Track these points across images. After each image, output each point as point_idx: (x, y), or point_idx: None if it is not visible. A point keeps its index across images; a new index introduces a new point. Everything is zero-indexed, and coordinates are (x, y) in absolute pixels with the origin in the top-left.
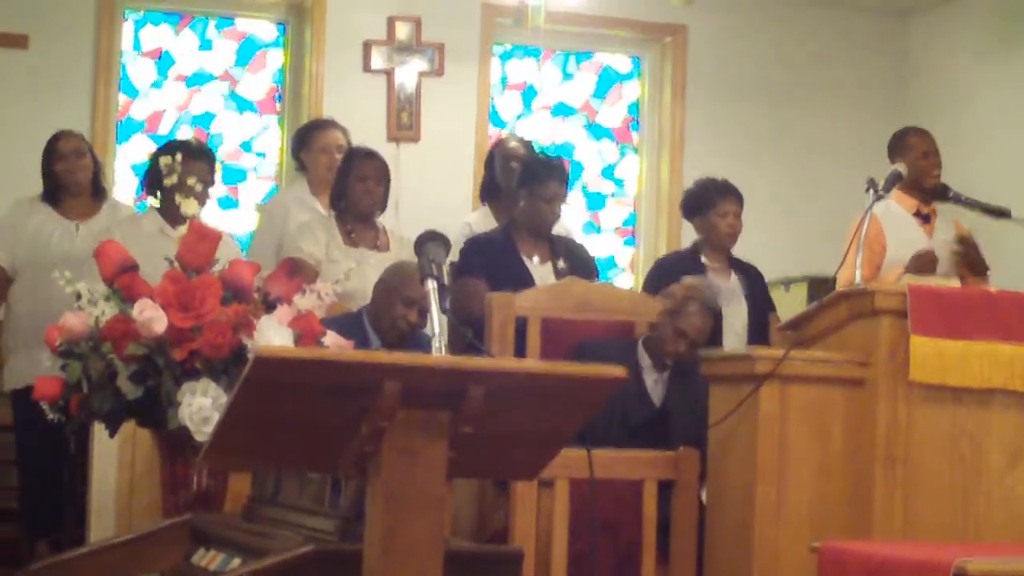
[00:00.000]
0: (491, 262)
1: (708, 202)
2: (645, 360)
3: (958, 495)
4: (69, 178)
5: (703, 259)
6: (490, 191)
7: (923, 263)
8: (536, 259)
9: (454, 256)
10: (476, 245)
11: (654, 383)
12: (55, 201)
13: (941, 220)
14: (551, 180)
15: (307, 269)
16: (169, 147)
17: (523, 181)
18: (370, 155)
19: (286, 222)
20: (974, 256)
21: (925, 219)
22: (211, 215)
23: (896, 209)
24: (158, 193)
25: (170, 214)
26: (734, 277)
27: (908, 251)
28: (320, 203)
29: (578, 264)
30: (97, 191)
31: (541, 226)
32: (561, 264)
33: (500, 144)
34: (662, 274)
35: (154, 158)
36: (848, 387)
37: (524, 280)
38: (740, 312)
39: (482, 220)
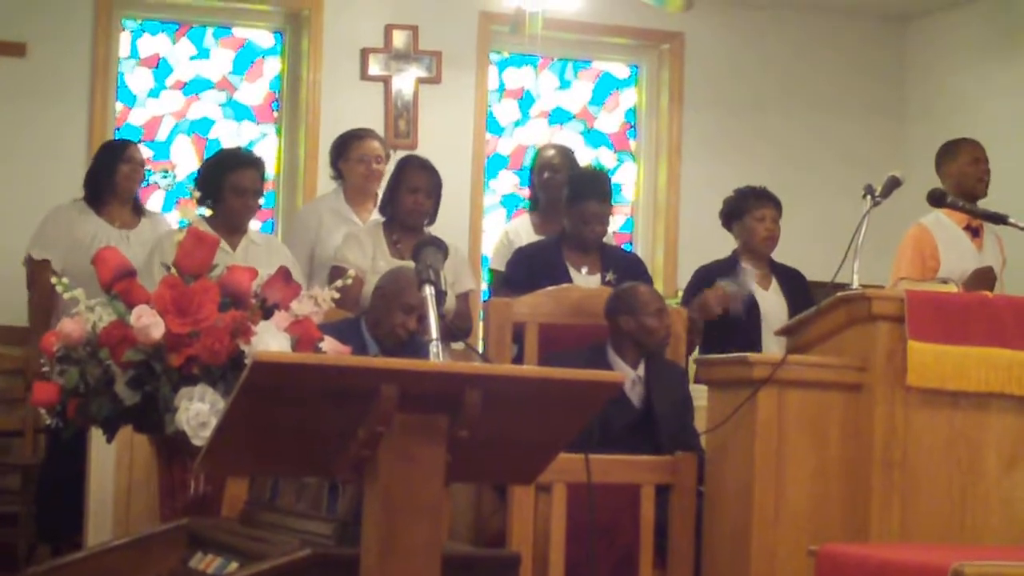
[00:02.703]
0: (536, 272)
1: (744, 208)
2: (617, 362)
3: (955, 499)
4: (128, 185)
5: (743, 266)
6: (532, 201)
7: (983, 281)
8: (584, 270)
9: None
10: (523, 256)
11: (632, 385)
12: (98, 206)
13: (988, 234)
14: (590, 199)
15: (353, 283)
16: (217, 157)
17: (567, 198)
18: (424, 166)
19: (319, 230)
20: None
21: (975, 233)
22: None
23: (947, 223)
24: (209, 203)
25: (224, 225)
26: (775, 283)
27: (960, 265)
28: (356, 214)
29: (629, 275)
30: (137, 202)
31: (585, 244)
32: (610, 276)
33: (538, 154)
34: (700, 282)
35: (202, 169)
36: (846, 392)
37: None
38: (780, 317)
39: (522, 229)
